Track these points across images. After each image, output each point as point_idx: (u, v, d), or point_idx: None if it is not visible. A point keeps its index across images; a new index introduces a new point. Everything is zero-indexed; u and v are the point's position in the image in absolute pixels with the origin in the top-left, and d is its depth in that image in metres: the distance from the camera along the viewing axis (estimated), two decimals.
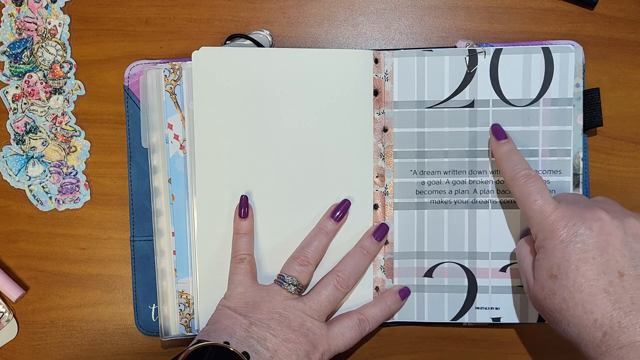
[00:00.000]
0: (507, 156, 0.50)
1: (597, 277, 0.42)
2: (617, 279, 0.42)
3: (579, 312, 0.43)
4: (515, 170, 0.49)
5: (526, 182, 0.48)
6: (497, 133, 0.51)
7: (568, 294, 0.43)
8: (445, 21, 0.56)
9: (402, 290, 0.53)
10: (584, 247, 0.43)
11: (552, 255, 0.45)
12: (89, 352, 0.56)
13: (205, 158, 0.52)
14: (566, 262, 0.44)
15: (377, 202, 0.53)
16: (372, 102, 0.53)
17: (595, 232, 0.44)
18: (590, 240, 0.43)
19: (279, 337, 0.47)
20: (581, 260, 0.43)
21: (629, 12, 0.55)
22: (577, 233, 0.44)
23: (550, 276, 0.44)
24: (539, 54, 0.52)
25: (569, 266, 0.43)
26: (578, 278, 0.43)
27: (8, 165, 0.56)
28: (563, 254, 0.44)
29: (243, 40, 0.55)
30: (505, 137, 0.51)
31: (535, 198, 0.47)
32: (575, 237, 0.44)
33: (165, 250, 0.54)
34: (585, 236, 0.44)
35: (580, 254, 0.43)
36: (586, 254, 0.43)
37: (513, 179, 0.49)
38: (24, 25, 0.56)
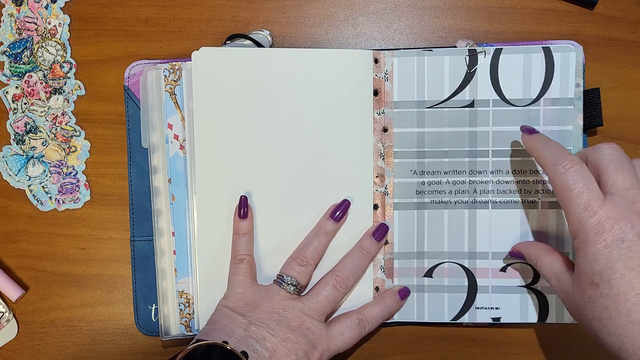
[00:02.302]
0: (544, 144, 0.46)
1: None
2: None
3: (623, 322, 0.39)
4: (557, 156, 0.44)
5: (569, 170, 0.43)
6: (528, 130, 0.48)
7: (611, 303, 0.40)
8: (445, 21, 0.56)
9: (401, 291, 0.53)
10: (630, 254, 0.40)
11: (594, 260, 0.41)
12: (89, 352, 0.56)
13: (205, 158, 0.52)
14: (610, 269, 0.40)
15: (377, 202, 0.53)
16: (372, 102, 0.53)
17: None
18: (637, 246, 0.40)
19: (278, 336, 0.47)
20: (627, 268, 0.40)
21: (629, 12, 0.55)
22: (625, 238, 0.40)
23: (591, 283, 0.41)
24: (539, 53, 0.52)
25: (612, 273, 0.40)
26: (623, 287, 0.39)
27: (8, 165, 0.56)
28: (607, 261, 0.40)
29: (243, 40, 0.55)
30: (535, 132, 0.48)
31: (581, 190, 0.42)
32: (622, 242, 0.40)
33: (165, 250, 0.54)
34: (632, 242, 0.40)
35: (626, 261, 0.40)
36: (632, 261, 0.40)
37: (554, 165, 0.43)
38: (24, 25, 0.56)
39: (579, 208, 0.42)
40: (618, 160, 0.43)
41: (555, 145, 0.45)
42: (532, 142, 0.47)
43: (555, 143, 0.46)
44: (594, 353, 0.55)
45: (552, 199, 0.53)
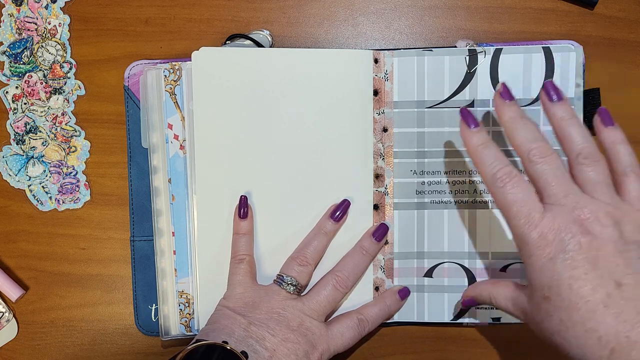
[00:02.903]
0: (482, 149, 0.44)
1: (592, 292, 0.38)
2: (615, 290, 0.38)
3: (580, 332, 0.39)
4: (494, 168, 0.43)
5: (508, 183, 0.42)
6: (467, 119, 0.44)
7: (565, 315, 0.39)
8: (445, 21, 0.56)
9: (401, 291, 0.53)
10: (574, 264, 0.39)
11: (541, 274, 0.41)
12: (89, 352, 0.56)
13: (205, 158, 0.52)
14: (557, 281, 0.40)
15: (377, 202, 0.53)
16: (372, 102, 0.53)
17: (585, 247, 0.39)
18: (579, 255, 0.39)
19: (277, 336, 0.47)
20: (573, 278, 0.39)
21: (629, 12, 0.55)
22: (566, 249, 0.40)
23: (543, 298, 0.41)
24: (539, 53, 0.52)
25: (560, 285, 0.39)
26: (573, 297, 0.39)
27: (8, 165, 0.56)
28: (553, 273, 0.40)
29: (243, 40, 0.55)
30: (476, 124, 0.44)
31: (521, 205, 0.41)
32: (565, 253, 0.40)
33: (165, 250, 0.54)
34: (574, 252, 0.40)
35: (571, 271, 0.39)
36: (577, 270, 0.39)
37: (492, 179, 0.43)
38: (24, 25, 0.56)
39: (519, 222, 0.41)
40: (552, 169, 0.42)
41: (493, 153, 0.44)
42: (468, 143, 0.45)
43: (493, 149, 0.44)
44: None
45: None
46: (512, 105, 0.44)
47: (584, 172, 0.42)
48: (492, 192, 0.43)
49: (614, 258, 0.39)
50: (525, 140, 0.43)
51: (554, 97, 0.44)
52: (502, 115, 0.44)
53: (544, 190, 0.42)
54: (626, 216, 0.41)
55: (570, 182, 0.42)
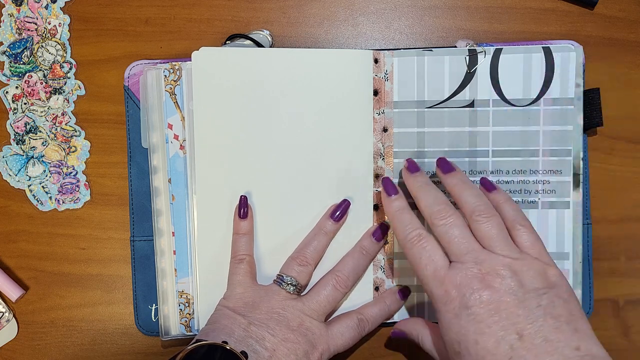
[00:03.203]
0: (398, 214, 0.48)
1: (497, 345, 0.40)
2: (517, 341, 0.40)
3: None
4: (407, 230, 0.46)
5: (415, 245, 0.45)
6: (388, 188, 0.49)
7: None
8: (445, 21, 0.56)
9: (401, 291, 0.53)
10: (477, 318, 0.41)
11: (449, 330, 0.42)
12: (89, 352, 0.56)
13: (205, 158, 0.52)
14: (464, 336, 0.41)
15: (377, 202, 0.53)
16: (372, 102, 0.53)
17: (486, 301, 0.41)
18: (481, 310, 0.41)
19: (277, 336, 0.47)
20: (477, 332, 0.41)
21: (629, 12, 0.55)
22: (468, 304, 0.42)
23: (454, 353, 0.42)
24: (539, 53, 0.52)
25: (467, 341, 0.41)
26: (480, 351, 0.40)
27: (8, 165, 0.56)
28: (459, 329, 0.42)
29: (243, 40, 0.55)
30: (395, 192, 0.49)
31: (427, 262, 0.44)
32: (467, 309, 0.42)
33: (165, 250, 0.54)
34: (476, 307, 0.41)
35: (475, 325, 0.41)
36: (481, 324, 0.41)
37: (404, 240, 0.46)
38: (24, 25, 0.56)
39: (427, 279, 0.44)
40: (452, 229, 0.45)
41: (407, 218, 0.47)
42: (387, 208, 0.49)
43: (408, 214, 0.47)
44: None
45: (552, 199, 0.53)
46: (417, 176, 0.49)
47: (480, 228, 0.45)
48: (405, 252, 0.46)
49: (515, 308, 0.41)
50: (429, 204, 0.46)
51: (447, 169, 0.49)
52: (410, 185, 0.49)
53: (448, 249, 0.45)
54: (524, 265, 0.43)
55: (471, 240, 0.44)
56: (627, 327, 0.55)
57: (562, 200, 0.53)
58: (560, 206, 0.53)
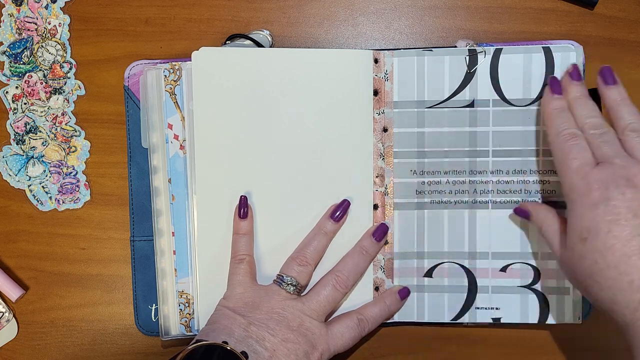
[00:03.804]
0: (557, 112, 0.48)
1: (630, 238, 0.41)
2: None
3: (613, 274, 0.41)
4: (562, 127, 0.47)
5: (568, 141, 0.46)
6: (553, 86, 0.50)
7: (600, 257, 0.42)
8: (445, 21, 0.56)
9: (401, 291, 0.53)
10: (615, 211, 0.42)
11: (582, 217, 0.43)
12: (89, 352, 0.56)
13: (205, 158, 0.52)
14: (597, 224, 0.42)
15: (377, 202, 0.53)
16: (372, 102, 0.53)
17: (629, 197, 0.42)
18: (623, 204, 0.42)
19: (277, 336, 0.47)
20: (613, 222, 0.42)
21: (629, 12, 0.55)
22: (610, 197, 0.42)
23: (580, 239, 0.43)
24: (539, 53, 0.52)
25: (600, 228, 0.42)
26: (610, 240, 0.41)
27: (8, 165, 0.56)
28: (594, 216, 0.43)
29: (243, 40, 0.55)
30: (560, 92, 0.49)
31: (575, 156, 0.45)
32: (608, 200, 0.42)
33: (165, 250, 0.54)
34: (618, 200, 0.42)
35: (612, 216, 0.42)
36: (619, 216, 0.42)
37: (557, 135, 0.47)
38: (24, 25, 0.56)
39: (571, 172, 0.45)
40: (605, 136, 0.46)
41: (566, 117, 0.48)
42: (546, 107, 0.49)
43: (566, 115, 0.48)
44: (594, 354, 0.55)
45: (552, 199, 0.53)
46: (577, 84, 0.49)
47: (631, 141, 0.45)
48: (553, 147, 0.47)
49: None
50: (584, 115, 0.47)
51: (610, 81, 0.48)
52: (570, 91, 0.49)
53: (597, 152, 0.45)
54: None
55: (620, 148, 0.45)
56: None
57: (562, 200, 0.53)
58: (560, 206, 0.53)
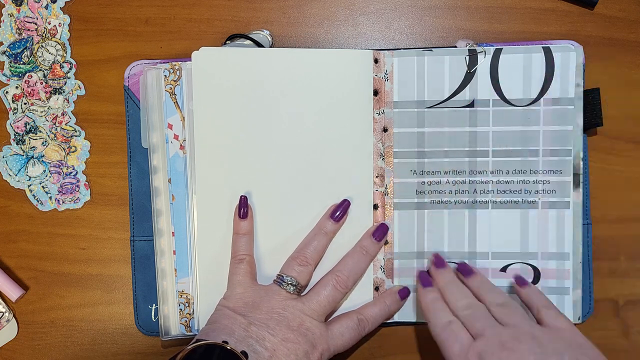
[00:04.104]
0: (432, 305, 0.50)
1: None
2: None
3: None
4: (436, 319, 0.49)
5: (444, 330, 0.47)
6: (423, 280, 0.52)
7: None
8: (445, 21, 0.56)
9: (401, 291, 0.53)
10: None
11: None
12: (89, 352, 0.56)
13: (205, 158, 0.52)
14: None
15: (377, 202, 0.53)
16: (372, 102, 0.53)
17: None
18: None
19: (277, 336, 0.47)
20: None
21: (629, 12, 0.55)
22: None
23: None
24: (539, 53, 0.52)
25: None
26: None
27: (8, 165, 0.56)
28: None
29: (243, 40, 0.55)
30: (430, 284, 0.51)
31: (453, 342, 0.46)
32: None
33: (165, 250, 0.54)
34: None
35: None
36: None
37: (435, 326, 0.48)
38: (24, 25, 0.56)
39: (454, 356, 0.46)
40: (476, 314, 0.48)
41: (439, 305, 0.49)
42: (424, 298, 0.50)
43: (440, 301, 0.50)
44: None
45: (552, 199, 0.53)
46: (443, 272, 0.52)
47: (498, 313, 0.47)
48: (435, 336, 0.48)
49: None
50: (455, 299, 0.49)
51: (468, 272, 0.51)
52: (437, 279, 0.52)
53: (472, 329, 0.47)
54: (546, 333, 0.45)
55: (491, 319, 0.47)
56: (627, 327, 0.55)
57: (562, 200, 0.53)
58: (560, 206, 0.53)
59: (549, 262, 0.53)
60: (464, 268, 0.52)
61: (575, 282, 0.53)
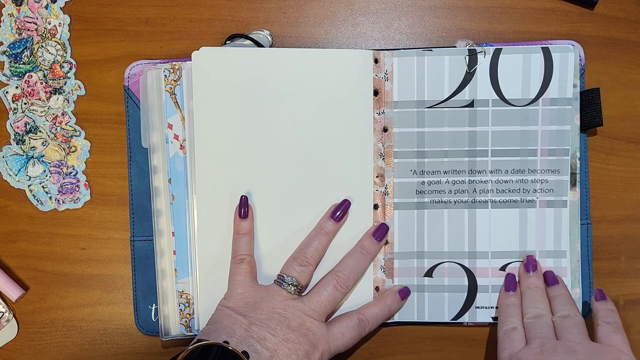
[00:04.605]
0: (507, 308, 0.52)
1: None
2: None
3: None
4: (507, 322, 0.50)
5: (506, 333, 0.49)
6: (509, 283, 0.53)
7: None
8: (445, 21, 0.56)
9: (402, 290, 0.53)
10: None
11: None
12: (89, 352, 0.56)
13: (205, 158, 0.52)
14: None
15: (377, 202, 0.53)
16: (372, 102, 0.53)
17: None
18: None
19: (278, 336, 0.47)
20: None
21: (629, 12, 0.55)
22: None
23: None
24: (538, 54, 0.52)
25: None
26: None
27: (8, 165, 0.56)
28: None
29: (243, 40, 0.55)
30: (514, 289, 0.53)
31: (507, 347, 0.48)
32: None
33: (165, 250, 0.54)
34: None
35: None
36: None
37: (500, 327, 0.50)
38: (24, 25, 0.56)
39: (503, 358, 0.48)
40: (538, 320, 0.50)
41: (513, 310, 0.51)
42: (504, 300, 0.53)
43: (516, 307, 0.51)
44: None
45: (550, 198, 0.53)
46: (530, 277, 0.53)
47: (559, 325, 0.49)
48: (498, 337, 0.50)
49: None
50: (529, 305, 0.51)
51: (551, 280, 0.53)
52: (523, 281, 0.53)
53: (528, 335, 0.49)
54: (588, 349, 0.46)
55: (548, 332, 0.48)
56: (627, 327, 0.55)
57: (559, 199, 0.53)
58: (557, 205, 0.53)
59: (547, 260, 0.53)
60: (549, 276, 0.53)
61: (574, 281, 0.53)
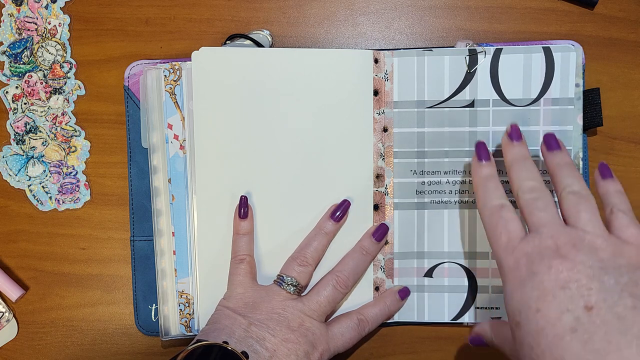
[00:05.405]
0: (484, 181, 0.46)
1: (559, 315, 0.36)
2: (584, 313, 0.36)
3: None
4: (490, 198, 0.44)
5: (494, 214, 0.43)
6: (480, 152, 0.47)
7: (534, 340, 0.37)
8: (445, 21, 0.56)
9: (401, 291, 0.53)
10: (542, 285, 0.38)
11: (511, 298, 0.40)
12: (89, 352, 0.56)
13: (205, 158, 0.52)
14: (525, 304, 0.38)
15: (377, 202, 0.53)
16: (372, 102, 0.53)
17: (555, 270, 0.38)
18: (549, 278, 0.38)
19: (278, 337, 0.47)
20: (540, 299, 0.37)
21: (629, 12, 0.55)
22: (535, 271, 0.39)
23: (515, 324, 0.39)
24: (539, 53, 0.52)
25: (528, 309, 0.38)
26: (540, 321, 0.37)
27: (8, 165, 0.56)
28: (522, 296, 0.39)
29: (243, 40, 0.55)
30: (487, 159, 0.47)
31: (502, 231, 0.42)
32: (534, 275, 0.39)
33: (165, 250, 0.54)
34: (543, 274, 0.38)
35: (539, 292, 0.38)
36: (545, 292, 0.38)
37: (484, 207, 0.44)
38: (24, 25, 0.56)
39: (499, 249, 0.42)
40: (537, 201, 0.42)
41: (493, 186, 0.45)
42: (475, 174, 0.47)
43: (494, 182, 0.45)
44: None
45: None
46: (516, 145, 0.46)
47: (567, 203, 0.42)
48: (483, 221, 0.44)
49: (587, 281, 0.37)
50: (521, 177, 0.44)
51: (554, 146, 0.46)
52: (507, 153, 0.46)
53: (528, 220, 0.42)
54: (609, 245, 0.39)
55: (554, 214, 0.42)
56: None
57: None
58: None
59: None
60: (550, 140, 0.45)
61: None
